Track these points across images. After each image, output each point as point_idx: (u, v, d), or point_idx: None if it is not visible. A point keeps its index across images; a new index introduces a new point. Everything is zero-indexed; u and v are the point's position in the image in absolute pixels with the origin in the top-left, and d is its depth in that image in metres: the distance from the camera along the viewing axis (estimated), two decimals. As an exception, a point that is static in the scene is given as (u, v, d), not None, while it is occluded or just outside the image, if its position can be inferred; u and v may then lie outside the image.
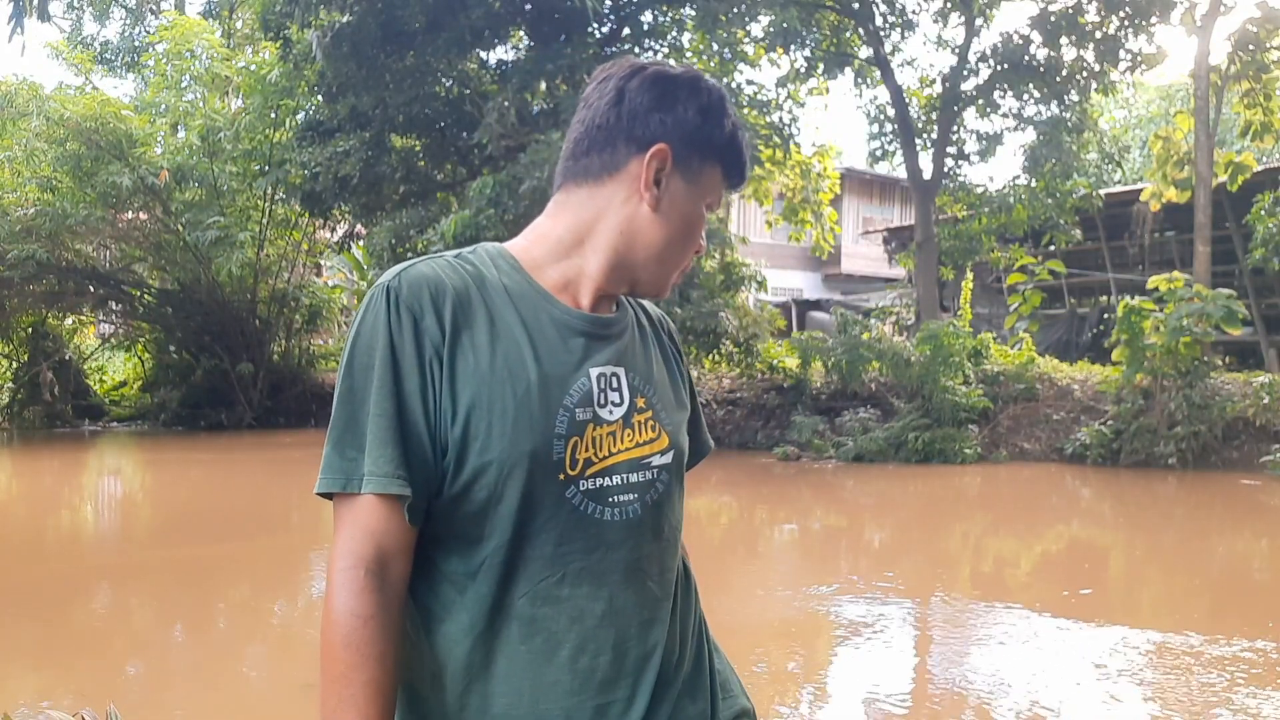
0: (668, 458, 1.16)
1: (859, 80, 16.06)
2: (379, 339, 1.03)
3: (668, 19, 15.09)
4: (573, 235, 1.15)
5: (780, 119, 15.23)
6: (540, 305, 1.11)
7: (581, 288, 1.15)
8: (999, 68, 14.69)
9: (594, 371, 1.10)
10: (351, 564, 1.02)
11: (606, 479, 1.09)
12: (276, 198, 16.80)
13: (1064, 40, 14.29)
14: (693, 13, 14.15)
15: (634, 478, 1.12)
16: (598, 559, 1.09)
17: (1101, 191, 16.38)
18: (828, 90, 16.42)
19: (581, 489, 1.07)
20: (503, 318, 1.08)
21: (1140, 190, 16.68)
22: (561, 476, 1.06)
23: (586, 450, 1.08)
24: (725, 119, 1.17)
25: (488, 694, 1.07)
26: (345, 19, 12.92)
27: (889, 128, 16.29)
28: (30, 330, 17.73)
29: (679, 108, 1.13)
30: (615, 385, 1.12)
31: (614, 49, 14.42)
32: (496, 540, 1.06)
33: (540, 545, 1.07)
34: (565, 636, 1.07)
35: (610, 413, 1.11)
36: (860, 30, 15.21)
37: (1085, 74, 14.54)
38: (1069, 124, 14.65)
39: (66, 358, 17.98)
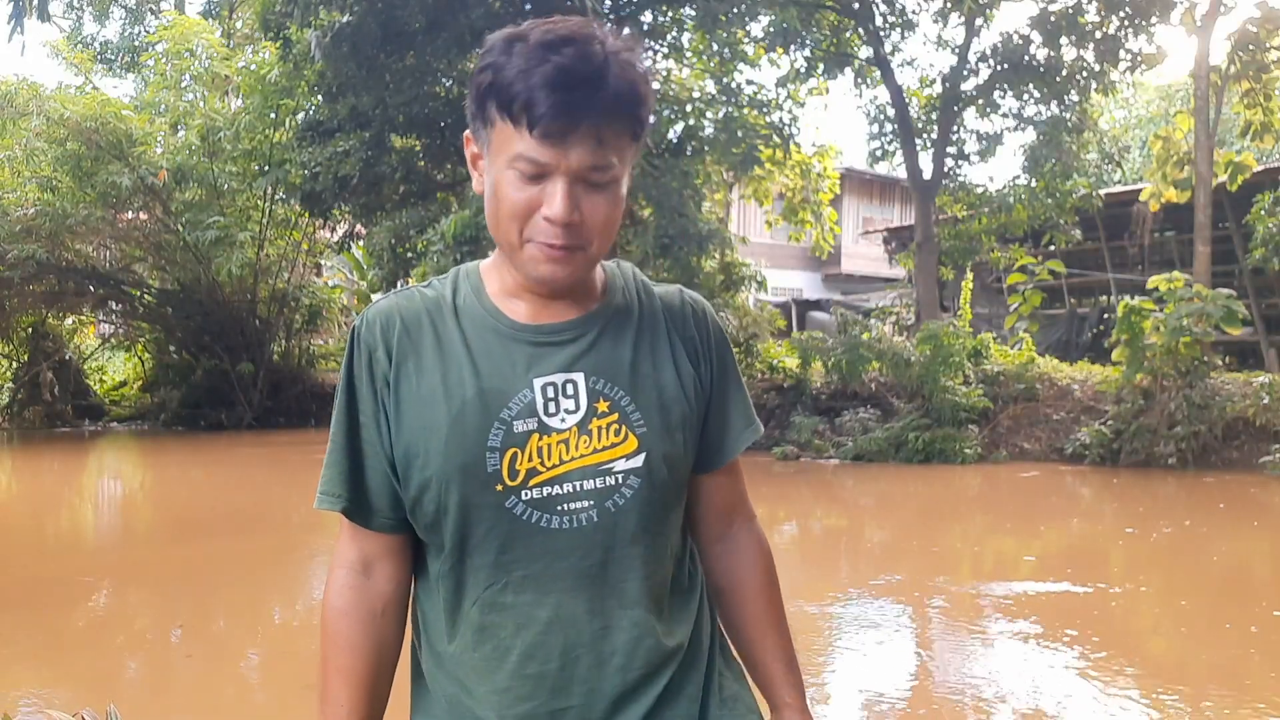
0: (636, 461, 1.11)
1: (859, 80, 16.05)
2: (343, 374, 1.16)
3: (668, 19, 15.09)
4: None
5: (780, 119, 15.22)
6: (484, 320, 1.13)
7: (519, 293, 1.15)
8: (999, 68, 14.68)
9: (539, 382, 1.10)
10: (338, 564, 1.19)
11: (555, 488, 1.09)
12: (276, 198, 16.79)
13: (1064, 40, 14.28)
14: (693, 13, 14.14)
15: (590, 484, 1.10)
16: (542, 567, 1.10)
17: (1101, 191, 16.37)
18: (828, 90, 16.40)
19: (524, 499, 1.09)
20: (449, 338, 1.12)
21: (1140, 190, 16.68)
22: (499, 488, 1.08)
23: (530, 460, 1.09)
24: (486, 70, 1.04)
25: (460, 695, 1.14)
26: (345, 19, 12.91)
27: (889, 128, 16.28)
28: (30, 330, 17.72)
29: (471, 84, 1.09)
30: (570, 392, 1.10)
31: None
32: (448, 549, 1.12)
33: (484, 554, 1.11)
34: (513, 643, 1.11)
35: (562, 420, 1.10)
36: (860, 30, 15.20)
37: (1085, 74, 14.53)
38: (1069, 124, 14.65)
39: (66, 358, 17.96)
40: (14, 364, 17.89)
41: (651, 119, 1.11)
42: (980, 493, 10.26)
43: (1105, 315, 16.94)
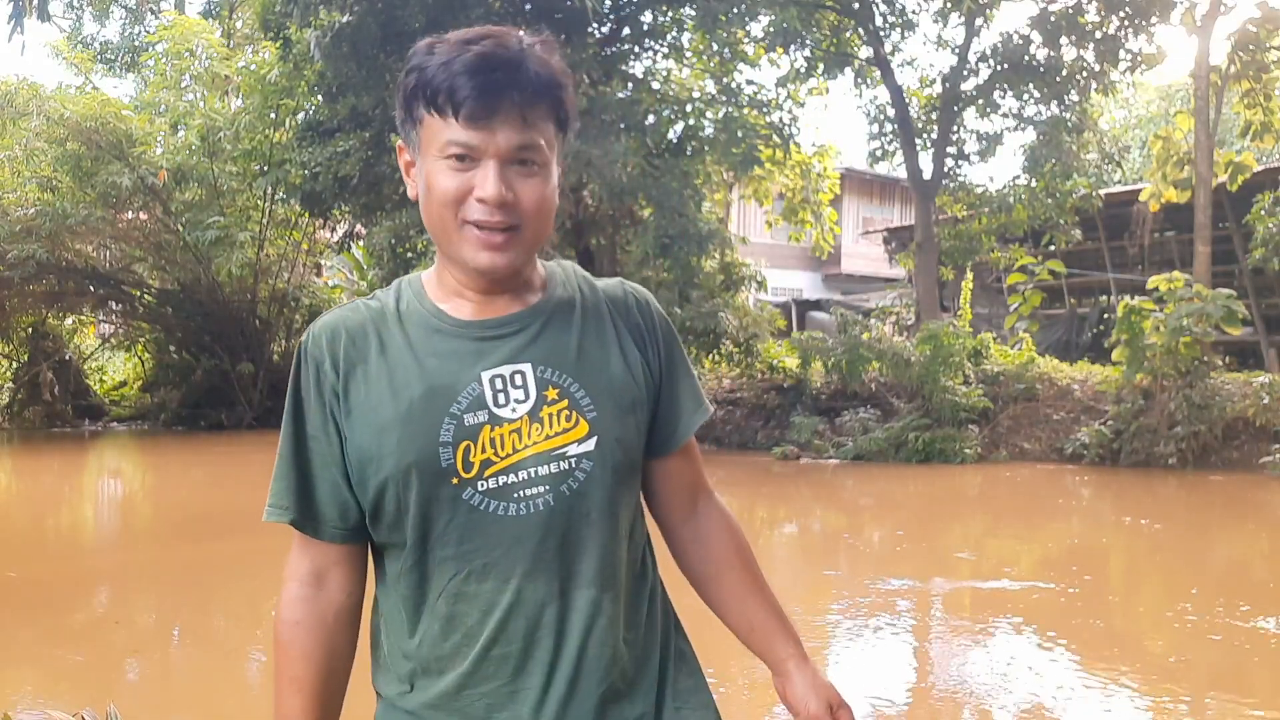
0: (589, 445, 1.13)
1: (859, 80, 16.05)
2: (290, 389, 1.19)
3: (668, 19, 15.08)
4: None
5: (780, 119, 15.21)
6: (428, 321, 1.17)
7: (461, 292, 1.18)
8: (999, 68, 14.68)
9: (486, 374, 1.13)
10: (289, 576, 1.22)
11: (510, 476, 1.12)
12: (276, 198, 16.78)
13: (1064, 40, 14.28)
14: (693, 13, 14.13)
15: (544, 470, 1.12)
16: (501, 554, 1.13)
17: (1101, 191, 16.37)
18: (828, 90, 16.40)
19: (480, 489, 1.12)
20: (393, 343, 1.15)
21: (1140, 190, 16.68)
22: (455, 480, 1.11)
23: (483, 452, 1.11)
24: (411, 74, 1.11)
25: (427, 687, 1.17)
26: (345, 19, 12.91)
27: (889, 128, 16.28)
28: (30, 330, 17.72)
29: (398, 91, 1.16)
30: (519, 383, 1.13)
31: (614, 49, 14.42)
32: (410, 545, 1.14)
33: (446, 547, 1.13)
34: (479, 630, 1.13)
35: (513, 410, 1.13)
36: (860, 30, 15.20)
37: (1085, 74, 14.53)
38: (1069, 124, 14.65)
39: (66, 358, 17.96)
40: (14, 364, 17.89)
41: (571, 112, 1.15)
42: (980, 493, 10.26)
43: (1105, 315, 16.94)
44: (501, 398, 1.13)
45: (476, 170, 1.09)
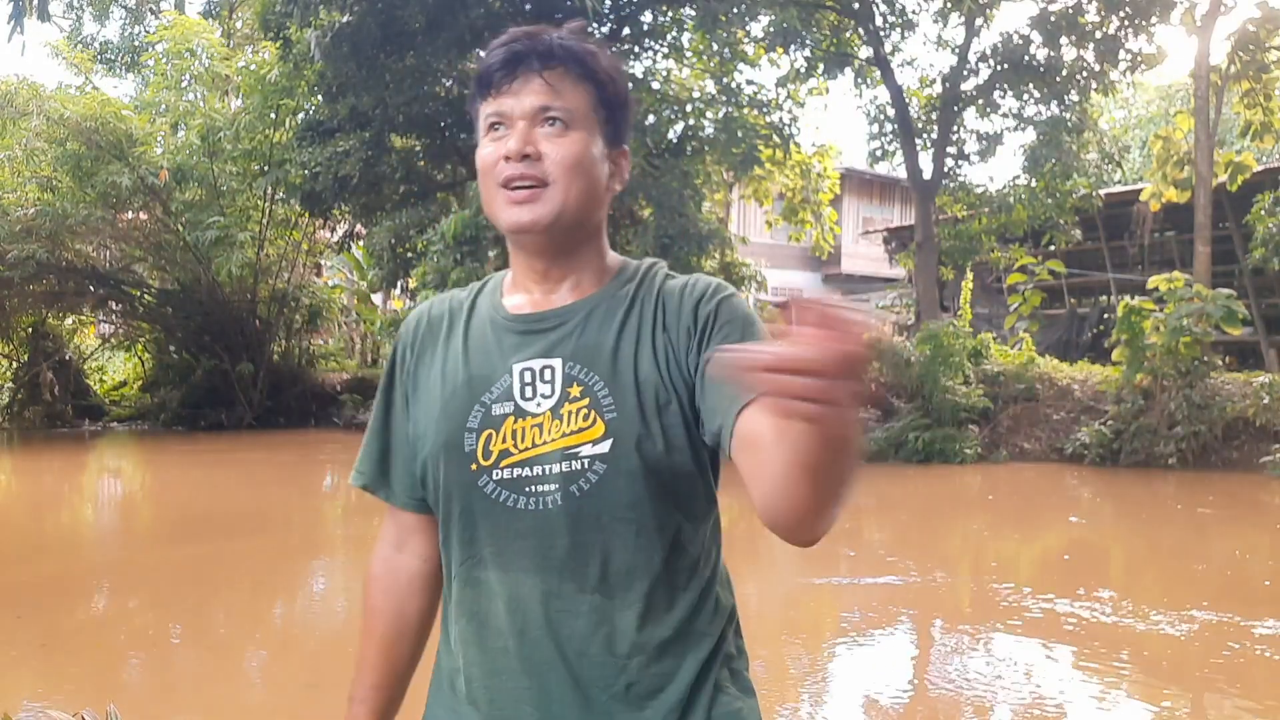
0: (603, 446, 1.10)
1: (859, 80, 16.05)
2: (385, 367, 1.29)
3: (668, 19, 15.09)
4: None
5: (780, 119, 15.22)
6: (488, 314, 1.23)
7: (524, 285, 1.23)
8: (999, 68, 14.68)
9: (517, 367, 1.16)
10: (379, 539, 1.31)
11: (526, 469, 1.12)
12: (276, 198, 16.78)
13: (1064, 40, 14.29)
14: (693, 13, 14.14)
15: (557, 468, 1.11)
16: (503, 545, 1.14)
17: (1101, 191, 16.37)
18: (828, 90, 16.40)
19: (495, 478, 1.13)
20: (456, 333, 1.23)
21: (1140, 190, 16.68)
22: (474, 466, 1.14)
23: (504, 442, 1.13)
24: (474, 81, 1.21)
25: (457, 669, 1.20)
26: (345, 19, 12.91)
27: (889, 128, 16.29)
28: (30, 330, 17.71)
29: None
30: (547, 377, 1.14)
31: (614, 49, 14.40)
32: (440, 525, 1.21)
33: (460, 530, 1.17)
34: (486, 619, 1.16)
35: (537, 405, 1.14)
36: (860, 30, 15.20)
37: (1085, 74, 14.54)
38: (1069, 124, 14.64)
39: (66, 358, 17.96)
40: (14, 364, 17.88)
41: (619, 95, 1.18)
42: (980, 493, 10.26)
43: (1105, 315, 16.94)
44: (529, 391, 1.14)
45: (507, 135, 1.15)
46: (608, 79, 1.17)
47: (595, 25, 13.97)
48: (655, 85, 15.01)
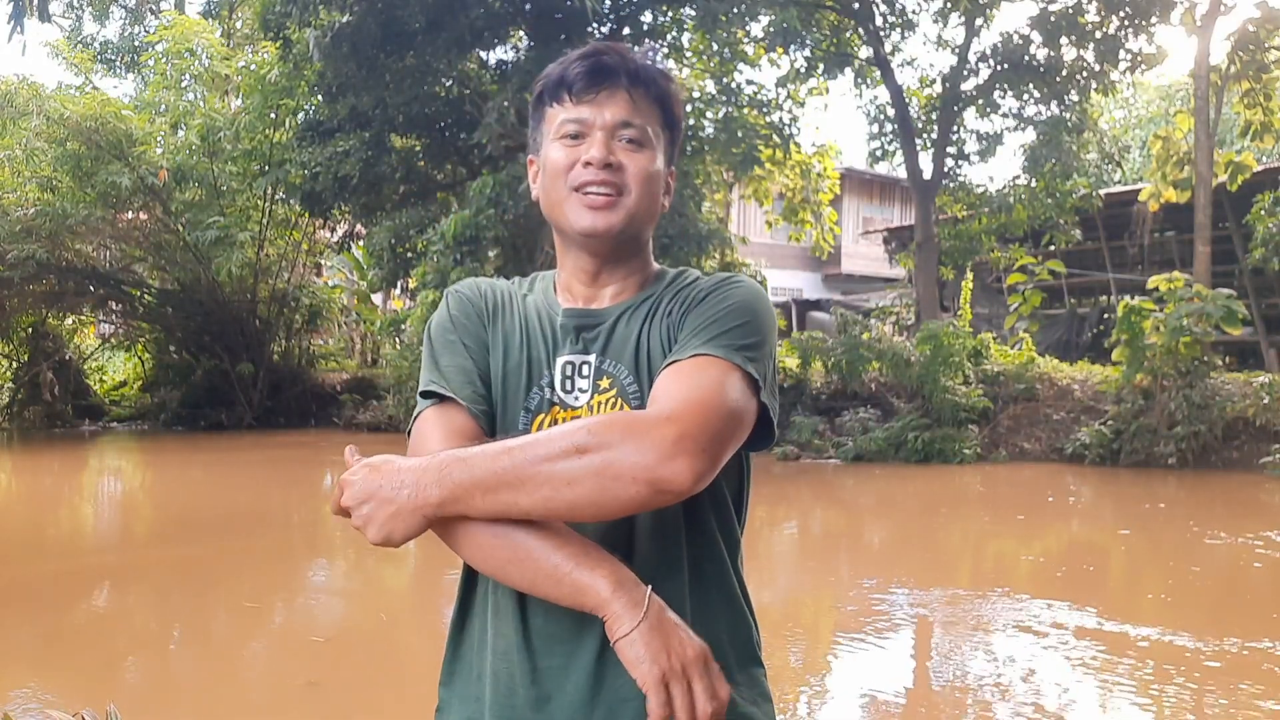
0: None
1: (859, 80, 16.06)
2: (439, 320, 1.28)
3: (668, 19, 15.09)
4: None
5: (780, 119, 15.22)
6: (542, 305, 1.27)
7: (572, 284, 1.27)
8: (999, 68, 14.69)
9: (560, 360, 1.21)
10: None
11: None
12: (276, 198, 16.79)
13: (1064, 40, 14.29)
14: (693, 13, 14.14)
15: None
16: None
17: (1101, 191, 16.38)
18: (828, 90, 16.40)
19: None
20: (516, 315, 1.27)
21: (1140, 190, 16.68)
22: None
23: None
24: (538, 84, 1.25)
25: (481, 655, 1.20)
26: (345, 19, 12.91)
27: (889, 128, 16.29)
28: (30, 330, 17.71)
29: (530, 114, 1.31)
30: (585, 373, 1.20)
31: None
32: None
33: None
34: (512, 604, 1.16)
35: (575, 399, 1.20)
36: (860, 30, 15.21)
37: (1085, 74, 14.54)
38: (1069, 124, 14.65)
39: (66, 358, 17.95)
40: (14, 364, 17.88)
41: (679, 118, 1.26)
42: (980, 493, 10.26)
43: (1105, 315, 16.94)
44: (569, 384, 1.20)
45: (585, 143, 1.19)
46: (674, 102, 1.24)
47: (595, 25, 13.98)
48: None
